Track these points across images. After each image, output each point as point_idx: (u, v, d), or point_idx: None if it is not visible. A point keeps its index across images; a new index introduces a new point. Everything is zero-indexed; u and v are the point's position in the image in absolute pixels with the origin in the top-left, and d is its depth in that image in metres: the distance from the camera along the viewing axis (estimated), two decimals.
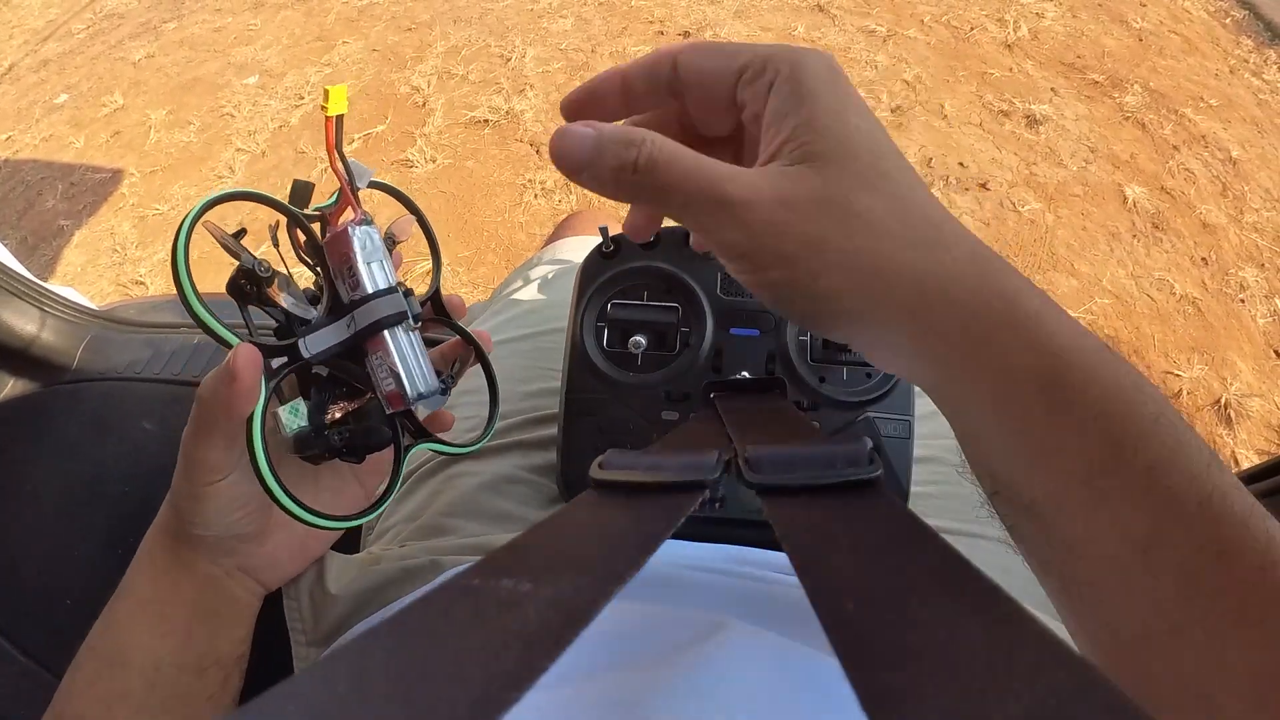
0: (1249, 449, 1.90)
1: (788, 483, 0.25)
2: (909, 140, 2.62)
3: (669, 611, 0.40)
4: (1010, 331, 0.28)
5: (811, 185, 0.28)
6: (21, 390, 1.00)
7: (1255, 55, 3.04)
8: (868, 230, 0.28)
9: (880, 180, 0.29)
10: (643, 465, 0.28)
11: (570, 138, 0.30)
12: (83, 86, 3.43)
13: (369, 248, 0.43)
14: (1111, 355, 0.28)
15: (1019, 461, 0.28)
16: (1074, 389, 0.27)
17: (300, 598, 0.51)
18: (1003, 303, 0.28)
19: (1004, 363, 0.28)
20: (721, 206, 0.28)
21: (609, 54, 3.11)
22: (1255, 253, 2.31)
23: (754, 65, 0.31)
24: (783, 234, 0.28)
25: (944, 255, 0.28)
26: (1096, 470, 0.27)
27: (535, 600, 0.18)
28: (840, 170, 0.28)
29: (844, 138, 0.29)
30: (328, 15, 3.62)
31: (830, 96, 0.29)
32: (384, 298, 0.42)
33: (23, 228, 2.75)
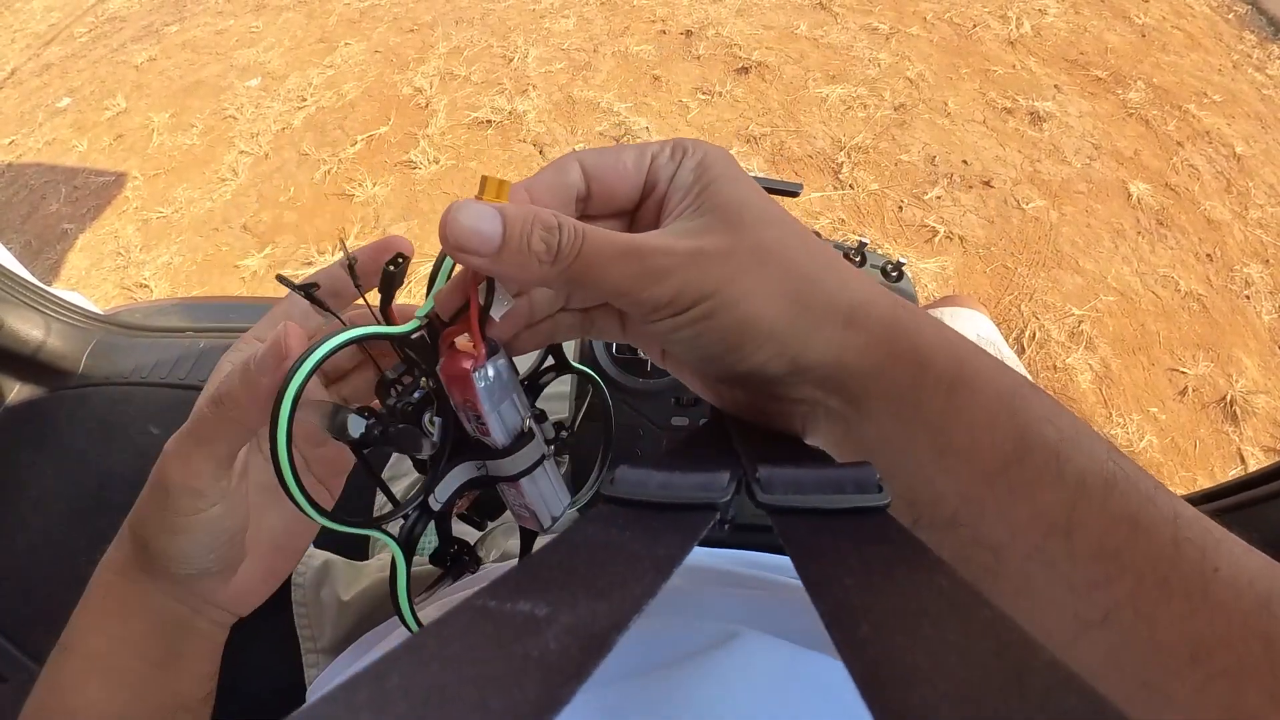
0: (1255, 445, 1.90)
1: (799, 505, 0.25)
2: (912, 138, 2.62)
3: (680, 620, 0.40)
4: (915, 341, 0.29)
5: (717, 233, 0.30)
6: (27, 395, 1.00)
7: (1258, 50, 3.03)
8: (778, 259, 0.29)
9: (778, 223, 0.31)
10: (654, 483, 0.28)
11: (467, 217, 0.28)
12: (85, 90, 3.43)
13: (497, 391, 0.35)
14: (1000, 362, 0.30)
15: (934, 470, 0.29)
16: (975, 388, 0.29)
17: (309, 605, 0.51)
18: (907, 313, 0.30)
19: (915, 367, 0.29)
20: (642, 271, 0.29)
21: (611, 53, 3.11)
22: (1260, 249, 2.30)
23: (664, 151, 0.33)
24: (702, 274, 0.29)
25: (848, 278, 0.30)
26: (1011, 460, 0.28)
27: (553, 626, 0.18)
28: (741, 216, 0.30)
29: (733, 194, 0.31)
30: (330, 17, 3.62)
31: (723, 175, 0.32)
32: (519, 452, 0.37)
33: (27, 231, 2.76)
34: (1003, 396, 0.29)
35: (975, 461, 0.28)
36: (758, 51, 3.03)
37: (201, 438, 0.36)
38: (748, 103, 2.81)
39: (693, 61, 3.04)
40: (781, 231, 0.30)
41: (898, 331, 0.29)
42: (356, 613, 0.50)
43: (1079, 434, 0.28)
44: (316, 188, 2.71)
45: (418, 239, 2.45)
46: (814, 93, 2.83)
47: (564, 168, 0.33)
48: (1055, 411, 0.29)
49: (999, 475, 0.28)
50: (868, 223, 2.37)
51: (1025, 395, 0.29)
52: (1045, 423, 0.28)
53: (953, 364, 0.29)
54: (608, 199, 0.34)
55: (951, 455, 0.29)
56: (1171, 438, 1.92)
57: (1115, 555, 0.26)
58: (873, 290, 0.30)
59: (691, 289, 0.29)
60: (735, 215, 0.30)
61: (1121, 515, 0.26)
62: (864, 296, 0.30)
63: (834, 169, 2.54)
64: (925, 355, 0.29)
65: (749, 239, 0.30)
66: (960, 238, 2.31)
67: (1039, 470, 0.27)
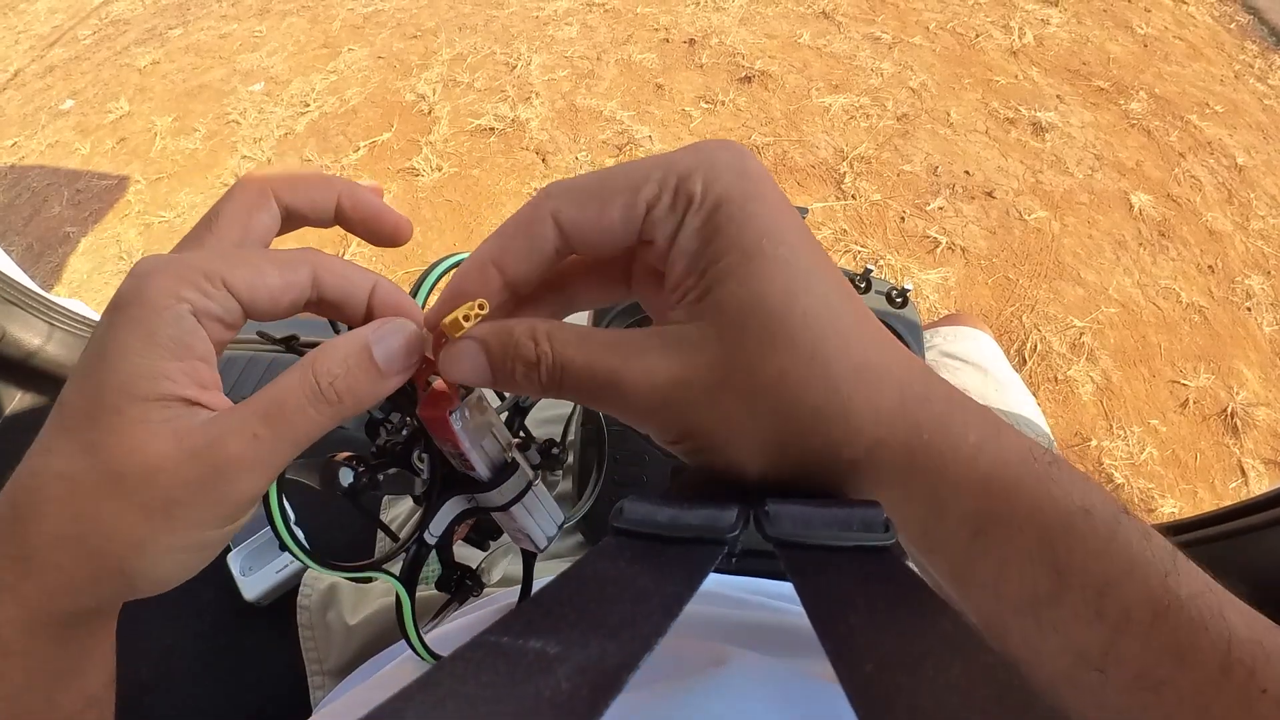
0: (1255, 458, 1.90)
1: (806, 540, 0.25)
2: (914, 148, 2.62)
3: (673, 642, 0.40)
4: (936, 481, 0.26)
5: (710, 353, 0.26)
6: (30, 404, 1.00)
7: (1260, 60, 3.03)
8: (773, 401, 0.25)
9: (794, 330, 0.25)
10: (663, 516, 0.28)
11: (461, 361, 0.28)
12: (88, 93, 3.44)
13: (476, 429, 0.35)
14: (1062, 472, 0.26)
15: (957, 592, 0.27)
16: (1013, 528, 0.25)
17: (315, 628, 0.51)
18: (925, 448, 0.26)
19: (932, 508, 0.26)
20: (623, 401, 0.27)
21: (614, 61, 3.12)
22: (1261, 260, 2.31)
23: (664, 197, 0.27)
24: (683, 414, 0.26)
25: (864, 418, 0.26)
26: (1042, 601, 0.25)
27: (565, 665, 0.18)
28: (744, 326, 0.25)
29: (753, 278, 0.26)
30: (333, 22, 3.63)
31: (744, 222, 0.26)
32: (504, 484, 0.37)
33: (29, 234, 2.76)
34: (1047, 533, 0.25)
35: (1002, 596, 0.26)
36: (761, 60, 3.03)
37: (290, 439, 0.27)
38: (750, 112, 2.82)
39: (696, 70, 3.04)
40: (796, 350, 0.25)
41: (914, 473, 0.26)
42: (363, 636, 0.49)
43: (1133, 563, 0.25)
44: None
45: (420, 246, 2.45)
46: (817, 102, 2.83)
47: (536, 228, 0.29)
48: (1113, 541, 0.25)
49: (1029, 612, 0.26)
50: (870, 233, 2.37)
51: (1077, 529, 0.25)
52: (1092, 559, 0.25)
53: (982, 504, 0.25)
54: (591, 251, 0.30)
55: (974, 586, 0.27)
56: (1172, 450, 1.92)
57: (1155, 688, 0.25)
58: (893, 419, 0.26)
59: (673, 426, 0.27)
60: (737, 326, 0.26)
61: (1167, 649, 0.24)
62: (878, 435, 0.26)
63: (836, 179, 2.54)
64: (942, 501, 0.26)
65: (742, 368, 0.25)
66: (962, 249, 2.31)
67: (1075, 610, 0.25)
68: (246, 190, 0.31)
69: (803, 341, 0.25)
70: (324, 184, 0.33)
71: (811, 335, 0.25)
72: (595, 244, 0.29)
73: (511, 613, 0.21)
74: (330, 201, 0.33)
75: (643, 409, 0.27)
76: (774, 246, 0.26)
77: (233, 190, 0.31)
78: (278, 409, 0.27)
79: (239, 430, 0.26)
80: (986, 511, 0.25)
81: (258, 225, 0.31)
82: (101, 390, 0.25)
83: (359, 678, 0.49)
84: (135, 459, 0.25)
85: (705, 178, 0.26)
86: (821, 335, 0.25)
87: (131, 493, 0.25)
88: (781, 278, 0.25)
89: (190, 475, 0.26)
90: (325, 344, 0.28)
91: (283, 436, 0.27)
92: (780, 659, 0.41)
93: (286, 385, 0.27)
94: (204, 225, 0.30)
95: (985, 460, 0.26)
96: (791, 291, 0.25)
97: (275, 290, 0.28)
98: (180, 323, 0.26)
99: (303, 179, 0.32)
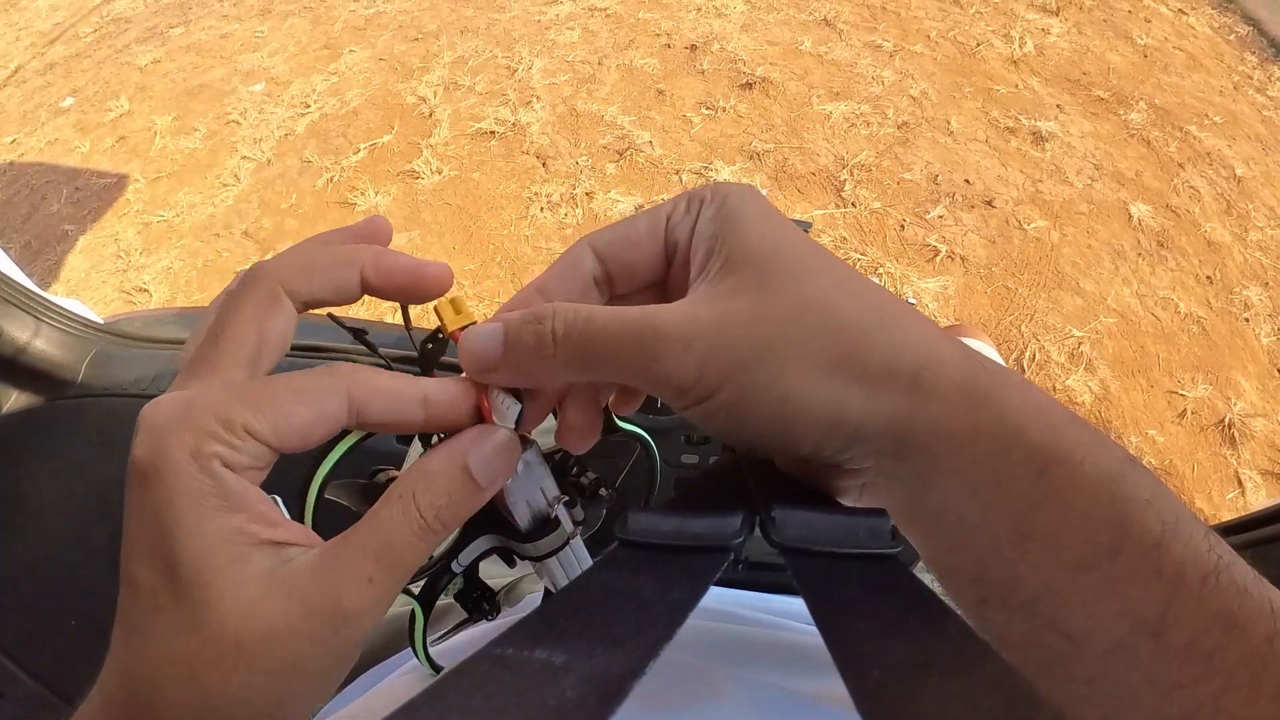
0: (1252, 469, 1.90)
1: (812, 547, 0.25)
2: (914, 157, 2.63)
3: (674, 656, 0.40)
4: (1001, 410, 0.25)
5: (748, 292, 0.26)
6: (25, 404, 1.00)
7: (1259, 71, 3.04)
8: (820, 317, 0.25)
9: (819, 269, 0.27)
10: (667, 526, 0.28)
11: (476, 338, 0.28)
12: (89, 91, 3.44)
13: (525, 484, 0.34)
14: (1099, 432, 0.26)
15: (1013, 553, 0.26)
16: (1072, 468, 0.25)
17: None
18: (989, 379, 0.25)
19: (1000, 443, 0.25)
20: (657, 344, 0.25)
21: (616, 66, 3.12)
22: (1260, 271, 2.31)
23: (679, 207, 0.30)
24: (729, 349, 0.25)
25: (910, 331, 0.26)
26: (1104, 553, 0.24)
27: (570, 674, 0.18)
28: (771, 266, 0.27)
29: (765, 239, 0.27)
30: (335, 24, 3.63)
31: (752, 213, 0.28)
32: (543, 540, 0.35)
33: (27, 232, 2.76)
34: (1104, 479, 0.24)
35: (1064, 550, 0.25)
36: (762, 67, 3.04)
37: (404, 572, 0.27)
38: (751, 118, 2.82)
39: (697, 76, 3.05)
40: (826, 280, 0.26)
41: (978, 398, 0.25)
42: (362, 647, 0.49)
43: (1180, 519, 0.25)
44: (319, 195, 2.71)
45: (420, 250, 2.45)
46: (817, 109, 2.84)
47: (575, 256, 0.31)
48: (1159, 493, 0.25)
49: (1090, 567, 0.24)
50: (870, 241, 2.37)
51: (1128, 476, 0.25)
52: (1148, 508, 0.24)
53: (1047, 437, 0.25)
54: (630, 276, 0.31)
55: (1037, 541, 0.25)
56: (1170, 460, 1.92)
57: (1207, 656, 0.24)
58: (942, 344, 0.26)
59: (716, 366, 0.25)
60: (767, 265, 0.27)
61: (1218, 613, 0.24)
62: (932, 353, 0.25)
63: (837, 186, 2.55)
64: (1014, 429, 0.25)
65: (784, 294, 0.26)
66: (962, 257, 2.32)
67: (1136, 565, 0.24)
68: (255, 291, 0.28)
69: (835, 272, 0.27)
70: (345, 264, 0.30)
71: (841, 271, 0.27)
72: (629, 260, 0.31)
73: (515, 625, 0.21)
74: (353, 280, 0.30)
75: (680, 343, 0.25)
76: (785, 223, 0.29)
77: (239, 292, 0.28)
78: (388, 550, 0.26)
79: (354, 577, 0.25)
80: (1050, 446, 0.25)
81: (272, 333, 0.28)
82: (177, 566, 0.24)
83: (358, 689, 0.48)
84: (251, 625, 0.24)
85: (715, 190, 0.30)
86: (850, 274, 0.27)
87: (256, 660, 0.24)
88: (800, 236, 0.28)
89: (314, 631, 0.24)
90: (419, 468, 0.27)
91: (397, 576, 0.26)
92: (781, 678, 0.41)
93: (392, 522, 0.26)
94: (210, 340, 0.27)
95: (1037, 395, 0.26)
96: (812, 247, 0.28)
97: (304, 428, 0.26)
98: (221, 480, 0.24)
99: (318, 265, 0.29)
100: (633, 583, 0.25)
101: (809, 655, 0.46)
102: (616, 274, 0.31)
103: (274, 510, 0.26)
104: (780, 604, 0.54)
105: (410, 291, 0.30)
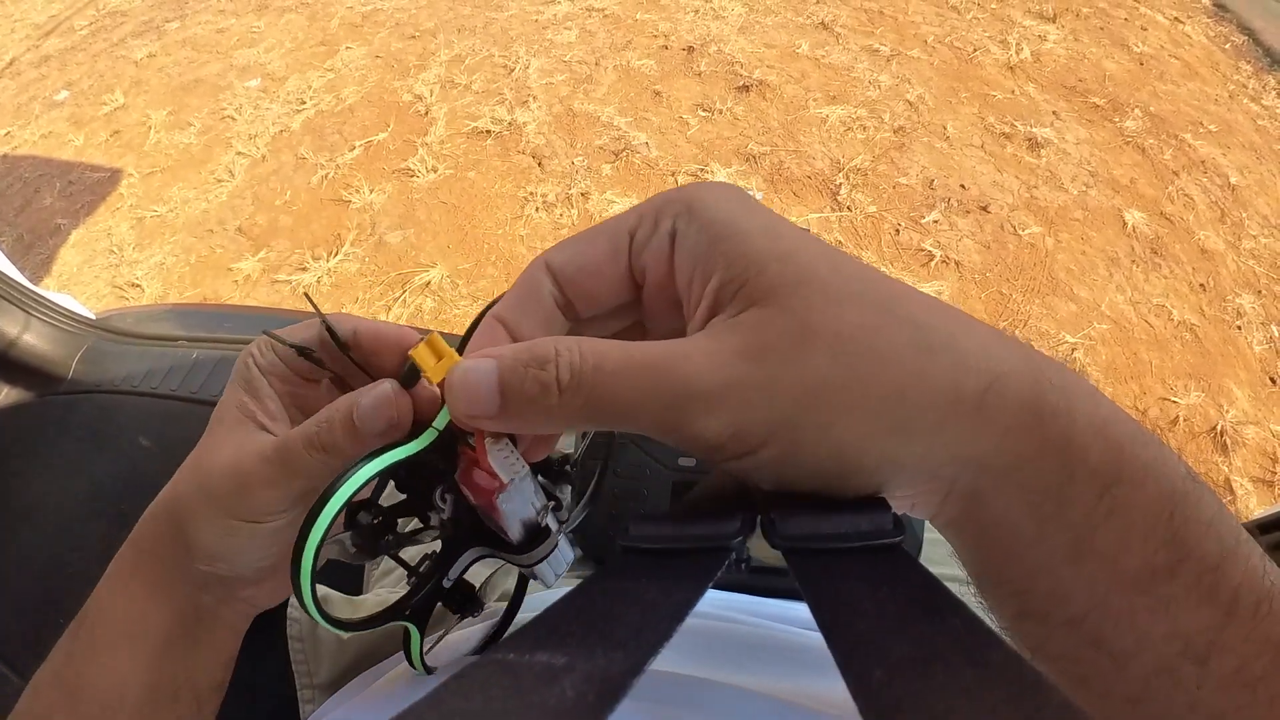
0: (1244, 476, 1.91)
1: (813, 545, 0.24)
2: (910, 161, 2.63)
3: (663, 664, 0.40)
4: (1067, 429, 0.23)
5: (779, 326, 0.23)
6: (15, 400, 0.99)
7: (1254, 80, 3.06)
8: (869, 352, 0.23)
9: (854, 288, 0.23)
10: (668, 531, 0.28)
11: (466, 383, 0.25)
12: (83, 84, 3.42)
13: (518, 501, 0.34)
14: (1164, 448, 0.25)
15: (1066, 570, 0.25)
16: (1135, 485, 0.23)
17: (306, 640, 0.50)
18: (1056, 395, 0.23)
19: (1063, 461, 0.23)
20: (686, 400, 0.23)
21: (613, 67, 3.12)
22: (1252, 279, 2.32)
23: (644, 223, 0.26)
24: (770, 398, 0.23)
25: (970, 346, 0.23)
26: (1160, 575, 0.23)
27: (571, 675, 0.18)
28: (802, 294, 0.23)
29: (785, 257, 0.24)
30: (331, 20, 3.62)
31: (747, 220, 0.25)
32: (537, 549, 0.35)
33: (19, 225, 2.74)
34: (1165, 498, 0.23)
35: (1120, 570, 0.24)
36: (759, 70, 3.04)
37: (294, 472, 0.34)
38: (748, 121, 2.82)
39: (694, 78, 3.05)
40: (860, 302, 0.23)
41: (1044, 416, 0.23)
42: (356, 650, 0.49)
43: (1239, 543, 0.24)
44: (313, 192, 2.70)
45: (414, 248, 2.44)
46: (814, 113, 2.84)
47: (533, 281, 0.28)
48: (1219, 515, 0.24)
49: (1145, 589, 0.23)
50: (865, 245, 2.38)
51: (1190, 496, 0.24)
52: (1208, 531, 0.23)
53: (1111, 455, 0.23)
54: (592, 303, 0.28)
55: (1093, 559, 0.24)
56: None
57: (1252, 686, 0.23)
58: (1004, 355, 0.24)
59: (757, 421, 0.23)
60: (788, 287, 0.23)
61: (1267, 641, 0.23)
62: (996, 370, 0.23)
63: (832, 190, 2.55)
64: (1079, 447, 0.23)
65: (822, 329, 0.23)
66: (956, 262, 2.32)
67: (1191, 588, 0.23)
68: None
69: (864, 287, 0.23)
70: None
71: (866, 280, 0.24)
72: (588, 290, 0.28)
73: (518, 632, 0.21)
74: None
75: (717, 407, 0.23)
76: (774, 219, 0.25)
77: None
78: (283, 444, 0.34)
79: (256, 454, 0.34)
80: (1114, 465, 0.23)
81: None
82: (215, 413, 0.37)
83: (351, 693, 0.48)
84: (204, 456, 0.36)
85: (690, 196, 0.26)
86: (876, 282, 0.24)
87: (196, 479, 0.36)
88: (796, 232, 0.25)
89: (226, 475, 0.34)
90: (331, 403, 0.34)
91: (286, 466, 0.33)
92: (779, 680, 0.41)
93: (298, 428, 0.34)
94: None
95: (1104, 408, 0.24)
96: (819, 249, 0.24)
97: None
98: (247, 370, 0.37)
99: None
100: (634, 587, 0.25)
101: (808, 657, 0.46)
102: (577, 300, 0.28)
103: (276, 405, 0.37)
104: (780, 608, 0.54)
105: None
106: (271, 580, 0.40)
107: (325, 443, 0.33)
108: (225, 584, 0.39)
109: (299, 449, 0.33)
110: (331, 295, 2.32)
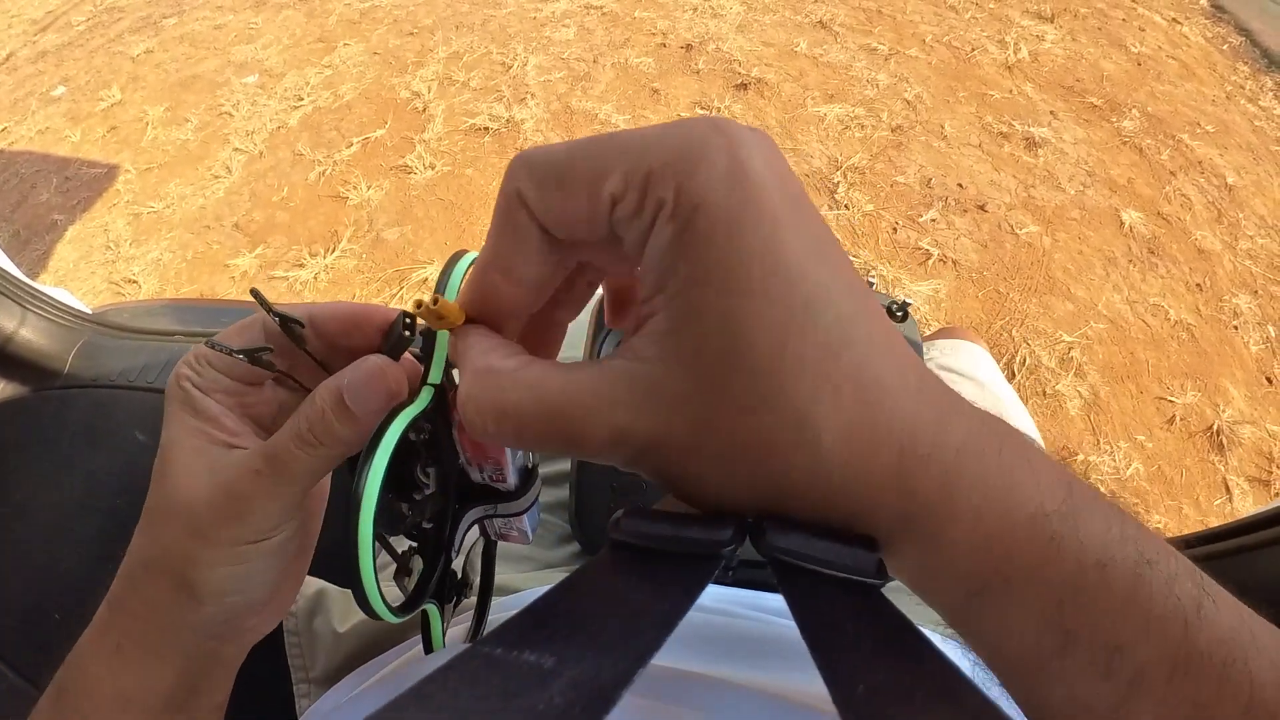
0: (1240, 475, 1.91)
1: (801, 563, 0.25)
2: (908, 160, 2.63)
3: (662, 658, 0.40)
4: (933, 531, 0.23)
5: (687, 411, 0.22)
6: (10, 394, 0.99)
7: (1251, 81, 3.07)
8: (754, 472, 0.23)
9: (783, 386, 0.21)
10: (660, 530, 0.27)
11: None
12: (80, 79, 3.41)
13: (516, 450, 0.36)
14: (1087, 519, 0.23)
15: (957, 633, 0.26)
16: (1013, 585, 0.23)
17: (302, 634, 0.50)
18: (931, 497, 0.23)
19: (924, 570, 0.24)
20: (578, 448, 0.24)
21: (611, 65, 3.12)
22: (1249, 279, 2.33)
23: (631, 193, 0.23)
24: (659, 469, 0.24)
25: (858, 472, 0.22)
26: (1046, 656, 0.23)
27: (559, 680, 0.18)
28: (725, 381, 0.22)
29: (737, 317, 0.21)
30: (329, 16, 3.62)
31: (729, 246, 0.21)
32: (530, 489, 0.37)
33: (16, 221, 2.73)
34: (1052, 598, 0.23)
35: (1001, 653, 0.24)
36: (757, 68, 3.04)
37: (291, 476, 0.32)
38: (746, 119, 2.82)
39: (692, 76, 3.05)
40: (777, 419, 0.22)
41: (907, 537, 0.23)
42: (351, 644, 0.49)
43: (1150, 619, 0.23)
44: (310, 189, 2.69)
45: (411, 245, 2.44)
46: (812, 111, 2.84)
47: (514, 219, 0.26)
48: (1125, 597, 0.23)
49: (1030, 667, 0.24)
50: (862, 244, 2.38)
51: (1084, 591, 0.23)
52: (1104, 619, 0.23)
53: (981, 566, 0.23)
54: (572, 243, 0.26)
55: (972, 639, 0.25)
56: (1158, 466, 1.93)
57: None
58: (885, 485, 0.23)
59: (648, 475, 0.25)
60: (717, 379, 0.22)
61: (1185, 701, 0.23)
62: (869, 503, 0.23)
63: (830, 189, 2.55)
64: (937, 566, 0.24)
65: (723, 430, 0.22)
66: (954, 261, 2.32)
67: (1082, 667, 0.23)
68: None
69: (791, 401, 0.21)
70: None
71: (804, 392, 0.21)
72: (569, 235, 0.25)
73: (506, 624, 0.21)
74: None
75: (609, 459, 0.25)
76: (766, 276, 0.21)
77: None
78: (273, 450, 0.32)
79: (245, 469, 0.32)
80: (986, 573, 0.23)
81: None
82: (162, 450, 0.34)
83: (347, 687, 0.48)
84: (178, 495, 0.33)
85: (681, 176, 0.22)
86: (815, 392, 0.21)
87: (180, 520, 0.33)
88: (773, 317, 0.21)
89: (217, 504, 0.32)
90: (309, 395, 0.33)
91: (280, 473, 0.32)
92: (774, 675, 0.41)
93: (282, 433, 0.32)
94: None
95: (990, 520, 0.23)
96: (783, 338, 0.21)
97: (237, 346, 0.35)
98: (186, 394, 0.34)
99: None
100: (623, 587, 0.25)
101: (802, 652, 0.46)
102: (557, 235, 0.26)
103: (233, 420, 0.35)
104: (780, 603, 0.54)
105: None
106: (276, 600, 0.39)
107: (320, 434, 0.31)
108: (232, 621, 0.37)
109: (291, 450, 0.32)
110: (328, 292, 2.31)
